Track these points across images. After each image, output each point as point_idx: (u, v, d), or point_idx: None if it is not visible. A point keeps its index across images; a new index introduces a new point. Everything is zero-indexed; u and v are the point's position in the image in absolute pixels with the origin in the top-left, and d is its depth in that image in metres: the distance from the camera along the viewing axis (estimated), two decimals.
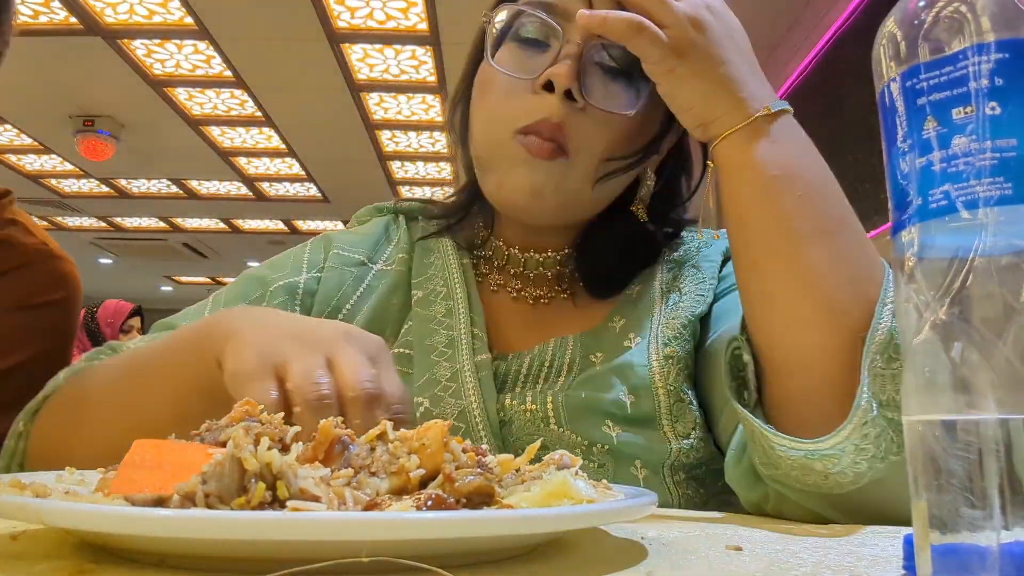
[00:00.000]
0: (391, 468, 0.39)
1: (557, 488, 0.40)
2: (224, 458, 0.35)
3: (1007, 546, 0.28)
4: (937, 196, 0.31)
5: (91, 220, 8.03)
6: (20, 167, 6.39)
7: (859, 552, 0.44)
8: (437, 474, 0.39)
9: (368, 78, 4.71)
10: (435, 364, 0.74)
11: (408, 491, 0.38)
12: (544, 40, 0.72)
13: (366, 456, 0.39)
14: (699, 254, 0.85)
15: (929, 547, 0.29)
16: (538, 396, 0.72)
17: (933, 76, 0.31)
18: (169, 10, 3.99)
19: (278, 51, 4.42)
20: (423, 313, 0.78)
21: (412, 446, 0.40)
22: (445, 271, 0.82)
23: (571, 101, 0.69)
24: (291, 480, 0.35)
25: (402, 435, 0.41)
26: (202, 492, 0.34)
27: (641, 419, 0.71)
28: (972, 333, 0.29)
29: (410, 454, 0.39)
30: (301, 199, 7.23)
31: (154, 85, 4.83)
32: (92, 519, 0.31)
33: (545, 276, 0.83)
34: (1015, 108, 0.30)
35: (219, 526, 0.31)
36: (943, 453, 0.29)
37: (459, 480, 0.38)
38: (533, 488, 0.41)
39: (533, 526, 0.35)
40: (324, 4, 3.89)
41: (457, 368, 0.73)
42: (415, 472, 0.38)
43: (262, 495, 0.34)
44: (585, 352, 0.77)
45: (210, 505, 0.34)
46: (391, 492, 0.38)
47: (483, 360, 0.75)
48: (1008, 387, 0.28)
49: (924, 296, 0.31)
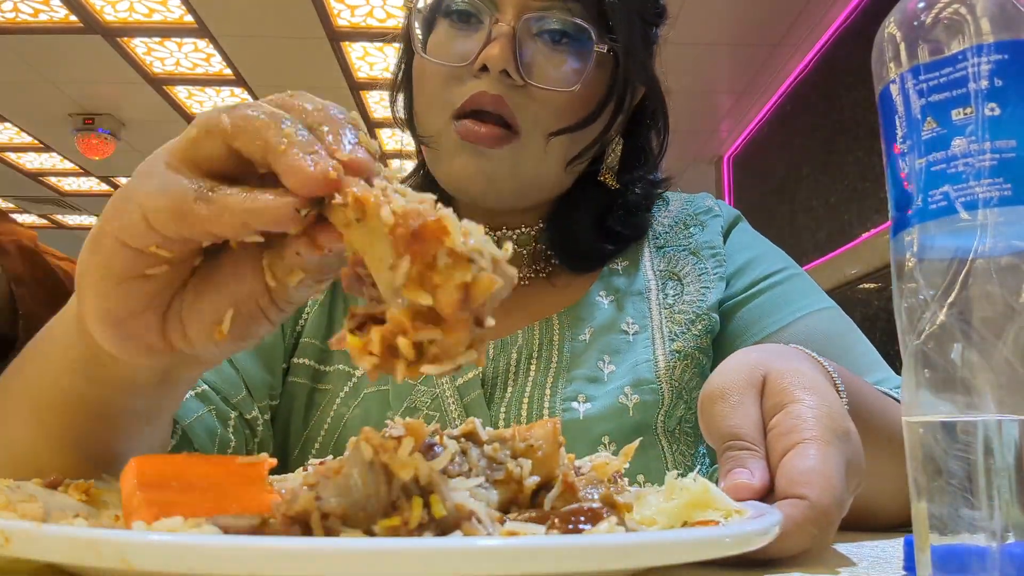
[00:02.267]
0: (497, 475, 0.31)
1: (696, 497, 0.35)
2: (349, 464, 0.26)
3: (1007, 547, 0.28)
4: (937, 197, 0.31)
5: (91, 218, 8.02)
6: (20, 165, 6.39)
7: (859, 552, 0.44)
8: (549, 482, 0.32)
9: (368, 76, 4.71)
10: (411, 388, 0.70)
11: (519, 504, 0.31)
12: (476, 14, 0.68)
13: (460, 462, 0.32)
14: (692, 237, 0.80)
15: (929, 548, 0.30)
16: (533, 414, 0.69)
17: (933, 77, 0.31)
18: (169, 8, 3.99)
19: (278, 49, 4.41)
20: None
21: (516, 447, 0.33)
22: None
23: (510, 79, 0.66)
24: (445, 493, 0.27)
25: (497, 435, 0.34)
26: (319, 511, 0.25)
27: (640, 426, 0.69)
28: (972, 334, 0.29)
29: (515, 458, 0.33)
30: None
31: (154, 83, 4.83)
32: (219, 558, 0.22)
33: (521, 255, 0.78)
34: (1014, 109, 0.30)
35: (403, 558, 0.21)
36: (943, 454, 0.29)
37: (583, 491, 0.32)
38: (651, 499, 0.36)
39: (740, 546, 0.29)
40: (324, 2, 3.89)
41: (437, 392, 0.70)
42: (529, 480, 0.31)
43: (420, 515, 0.26)
44: (573, 332, 0.73)
45: (330, 530, 0.25)
46: (503, 505, 0.31)
47: (470, 380, 0.71)
48: (1008, 388, 0.28)
49: (924, 297, 0.31)
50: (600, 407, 0.69)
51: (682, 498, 0.36)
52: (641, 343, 0.73)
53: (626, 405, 0.69)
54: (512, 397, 0.71)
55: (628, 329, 0.74)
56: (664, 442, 0.70)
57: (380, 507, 0.26)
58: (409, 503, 0.25)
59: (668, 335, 0.73)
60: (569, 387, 0.70)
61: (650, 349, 0.72)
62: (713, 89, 4.89)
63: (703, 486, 0.36)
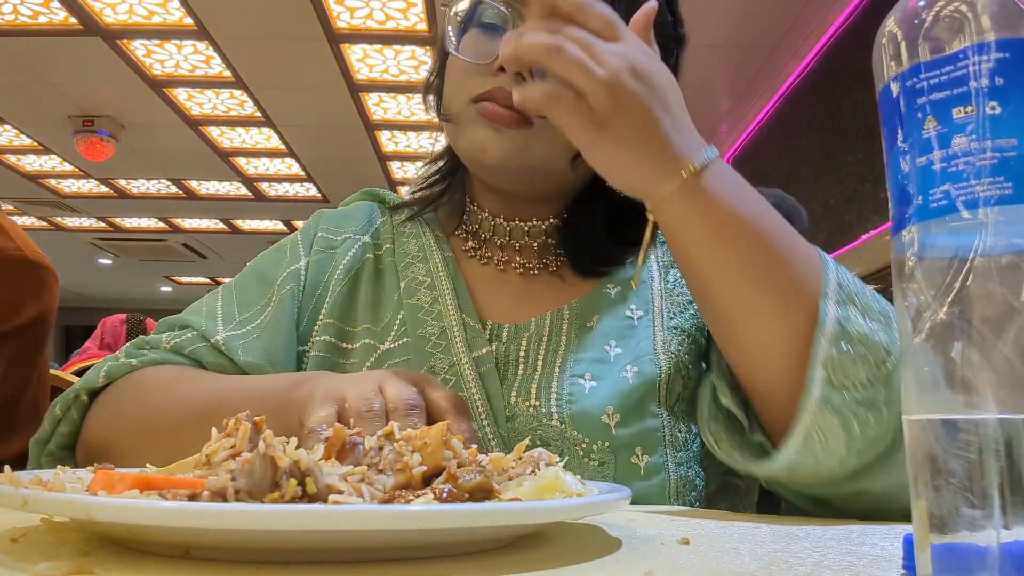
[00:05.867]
0: (396, 465, 0.42)
1: (550, 483, 0.43)
2: (255, 456, 0.37)
3: (1007, 546, 0.28)
4: (937, 196, 0.31)
5: (91, 220, 8.03)
6: (20, 167, 6.39)
7: (859, 551, 0.44)
8: (438, 471, 0.41)
9: (368, 78, 4.71)
10: (431, 356, 0.75)
11: (412, 487, 0.41)
12: (502, 24, 0.74)
13: (374, 455, 0.43)
14: None
15: (929, 546, 0.30)
16: (542, 392, 0.73)
17: (933, 75, 0.31)
18: (168, 10, 3.99)
19: (278, 51, 4.42)
20: (410, 303, 0.79)
21: (415, 444, 0.43)
22: (425, 256, 0.82)
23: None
24: (319, 476, 0.37)
25: (406, 435, 0.44)
26: (232, 488, 0.36)
27: (640, 396, 0.72)
28: (972, 333, 0.29)
29: (413, 452, 0.42)
30: (300, 199, 7.23)
31: (154, 85, 4.83)
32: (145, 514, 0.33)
33: (531, 246, 0.83)
34: (1015, 107, 0.30)
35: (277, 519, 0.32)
36: (943, 453, 0.29)
37: (462, 478, 0.40)
38: (525, 484, 0.44)
39: (557, 515, 0.40)
40: (323, 4, 3.89)
41: (454, 361, 0.75)
42: (417, 469, 0.41)
43: (294, 490, 0.36)
44: (582, 320, 0.78)
45: (240, 500, 0.36)
46: (396, 488, 0.41)
47: (483, 355, 0.75)
48: (1008, 387, 0.28)
49: (924, 296, 0.31)
50: (605, 384, 0.73)
51: (536, 483, 0.43)
52: (643, 325, 0.77)
53: (626, 378, 0.73)
54: (523, 377, 0.75)
55: (633, 315, 0.78)
56: (666, 415, 0.73)
57: (267, 485, 0.36)
58: (288, 483, 0.36)
59: (667, 314, 0.78)
60: (577, 367, 0.74)
61: (651, 328, 0.77)
62: (712, 90, 4.90)
63: (555, 473, 0.44)
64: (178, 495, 0.36)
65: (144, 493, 0.38)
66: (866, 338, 0.58)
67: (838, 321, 0.58)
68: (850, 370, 0.57)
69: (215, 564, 0.37)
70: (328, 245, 0.85)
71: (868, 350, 0.58)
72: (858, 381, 0.57)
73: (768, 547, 0.45)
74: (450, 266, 0.81)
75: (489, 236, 0.84)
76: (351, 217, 0.88)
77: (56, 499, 0.35)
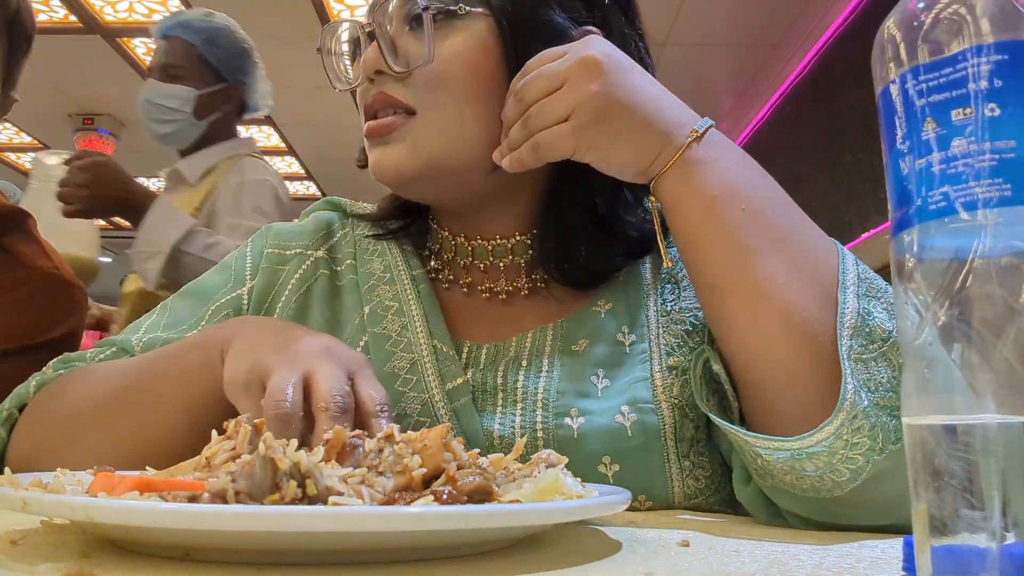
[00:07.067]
0: (396, 468, 0.42)
1: (549, 485, 0.43)
2: (254, 458, 0.37)
3: (1007, 547, 0.28)
4: (936, 197, 0.31)
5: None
6: (20, 165, 6.39)
7: (859, 553, 0.44)
8: (438, 473, 0.41)
9: None
10: (401, 395, 0.69)
11: (412, 488, 0.41)
12: (356, 39, 0.75)
13: (375, 457, 0.42)
14: None
15: (929, 548, 0.30)
16: (527, 431, 0.66)
17: (932, 77, 0.31)
18: (169, 9, 3.99)
19: (277, 50, 4.41)
20: (376, 332, 0.72)
21: (415, 447, 0.42)
22: (392, 277, 0.76)
23: (385, 76, 0.69)
24: (319, 478, 0.37)
25: (407, 437, 0.44)
26: (232, 490, 0.36)
27: (641, 446, 0.65)
28: (972, 334, 0.29)
29: (413, 455, 0.42)
30: (301, 197, 7.22)
31: None
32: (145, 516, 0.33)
33: (498, 267, 0.76)
34: (1014, 109, 0.30)
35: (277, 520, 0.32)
36: (943, 455, 0.29)
37: (461, 480, 0.40)
38: (525, 486, 0.43)
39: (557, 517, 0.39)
40: (323, 3, 3.89)
41: (426, 399, 0.68)
42: (417, 471, 0.41)
43: (294, 492, 0.36)
44: (567, 343, 0.71)
45: (240, 502, 0.36)
46: (396, 490, 0.41)
47: (458, 386, 0.69)
48: (1008, 388, 0.28)
49: (924, 297, 0.31)
50: (596, 425, 0.66)
51: (536, 484, 0.43)
52: (638, 357, 0.70)
53: (623, 425, 0.65)
54: (504, 410, 0.68)
55: (624, 340, 0.71)
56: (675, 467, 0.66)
57: (268, 487, 0.36)
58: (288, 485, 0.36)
59: (665, 349, 0.70)
60: (560, 400, 0.67)
61: (647, 366, 0.69)
62: (713, 89, 4.89)
63: (555, 475, 0.44)
64: (178, 497, 0.37)
65: (144, 495, 0.38)
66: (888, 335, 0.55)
67: (859, 313, 0.56)
68: (873, 369, 0.54)
69: (215, 566, 0.37)
70: (278, 260, 0.80)
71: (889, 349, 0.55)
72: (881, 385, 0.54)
73: (768, 549, 0.45)
74: (420, 285, 0.75)
75: (452, 257, 0.77)
76: (304, 231, 0.83)
77: (56, 501, 0.35)
